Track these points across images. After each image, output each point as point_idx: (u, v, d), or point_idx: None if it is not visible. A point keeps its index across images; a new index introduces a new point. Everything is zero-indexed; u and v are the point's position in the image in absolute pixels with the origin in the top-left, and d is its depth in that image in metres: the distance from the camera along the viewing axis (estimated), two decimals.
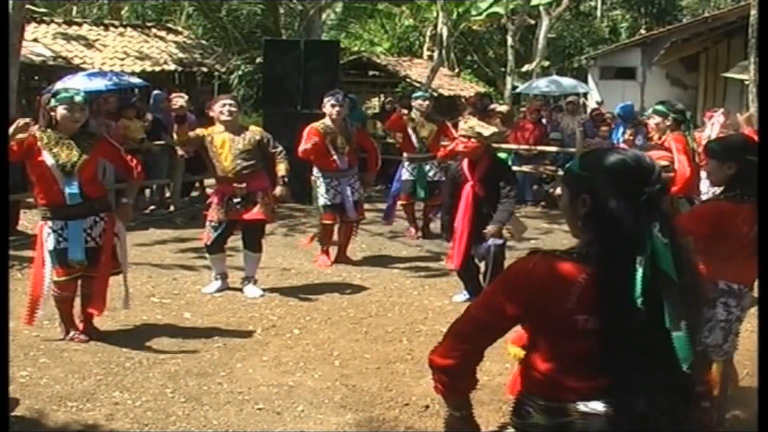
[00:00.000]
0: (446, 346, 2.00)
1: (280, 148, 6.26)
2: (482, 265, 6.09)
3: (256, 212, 6.09)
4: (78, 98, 4.85)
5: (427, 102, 8.79)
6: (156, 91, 11.40)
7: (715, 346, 3.39)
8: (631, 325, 1.82)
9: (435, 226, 8.87)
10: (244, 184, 6.04)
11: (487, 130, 5.86)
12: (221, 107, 6.08)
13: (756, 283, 3.53)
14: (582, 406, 1.86)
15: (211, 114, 6.20)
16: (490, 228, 5.75)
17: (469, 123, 5.86)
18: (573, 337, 1.87)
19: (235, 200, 6.08)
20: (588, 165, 1.96)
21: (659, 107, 5.69)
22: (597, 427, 1.85)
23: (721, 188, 3.54)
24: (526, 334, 2.03)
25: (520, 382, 2.02)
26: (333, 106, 7.16)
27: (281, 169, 6.23)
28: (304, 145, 7.08)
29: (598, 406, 1.85)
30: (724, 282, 3.37)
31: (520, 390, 2.02)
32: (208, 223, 6.23)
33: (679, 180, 4.90)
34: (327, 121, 7.23)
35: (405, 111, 8.89)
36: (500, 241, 5.85)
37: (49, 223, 4.84)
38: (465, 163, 5.88)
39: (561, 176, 2.09)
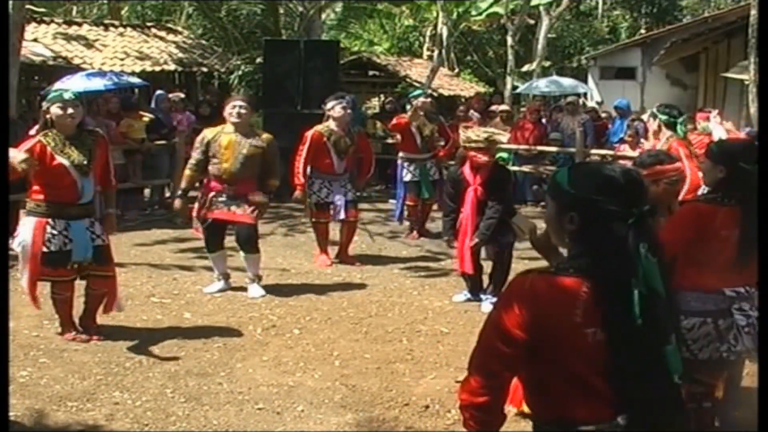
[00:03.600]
0: (475, 383, 1.94)
1: (277, 166, 6.23)
2: (485, 264, 6.12)
3: (241, 215, 6.07)
4: (67, 95, 4.88)
5: (428, 100, 8.79)
6: (159, 92, 11.41)
7: (749, 351, 3.36)
8: (633, 337, 1.85)
9: (433, 225, 8.88)
10: (234, 186, 6.04)
11: (502, 136, 5.95)
12: (231, 109, 6.07)
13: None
14: (622, 420, 1.87)
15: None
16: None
17: (482, 135, 5.83)
18: (586, 351, 1.87)
19: (220, 199, 6.08)
20: (577, 183, 1.94)
21: (654, 111, 5.68)
22: None
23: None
24: (521, 384, 2.01)
25: (541, 412, 1.98)
26: (344, 108, 7.15)
27: (272, 184, 6.22)
28: (300, 158, 7.06)
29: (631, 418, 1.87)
30: (730, 289, 3.35)
31: (544, 420, 1.97)
32: (196, 219, 6.27)
33: (691, 187, 4.90)
34: (331, 123, 7.21)
35: (408, 115, 8.76)
36: (511, 240, 5.91)
37: (51, 222, 4.82)
38: (466, 167, 5.88)
39: (548, 185, 2.08)
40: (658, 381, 1.88)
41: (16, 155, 4.54)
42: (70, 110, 4.81)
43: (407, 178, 8.66)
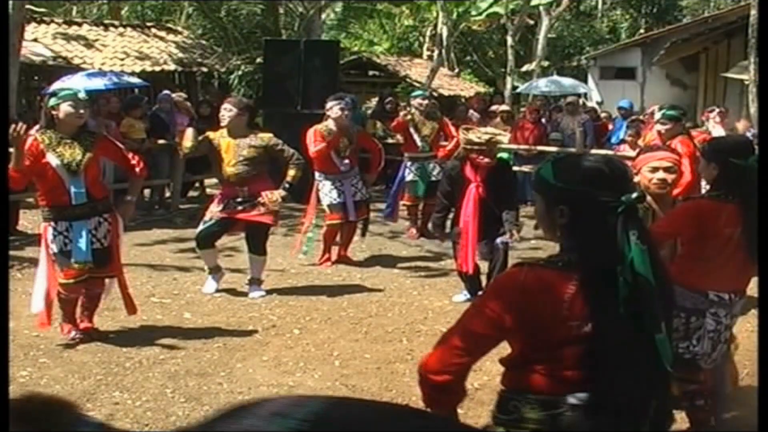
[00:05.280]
0: (441, 361, 1.99)
1: (293, 155, 6.17)
2: (482, 264, 6.11)
3: (260, 214, 6.05)
4: (81, 94, 4.92)
5: (426, 101, 8.84)
6: (166, 92, 11.41)
7: (704, 355, 3.43)
8: (619, 328, 1.87)
9: None
10: (246, 188, 6.02)
11: (503, 137, 5.98)
12: (223, 111, 6.08)
13: (749, 287, 3.55)
14: (572, 399, 1.90)
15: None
16: (507, 234, 5.81)
17: (484, 136, 5.82)
18: (569, 343, 1.90)
19: (237, 200, 6.06)
20: (563, 176, 1.97)
21: (672, 112, 5.67)
22: (583, 420, 1.89)
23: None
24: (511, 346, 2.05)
25: (507, 381, 2.04)
26: (342, 109, 7.14)
27: (290, 174, 6.16)
28: (316, 147, 7.06)
29: (584, 398, 1.90)
30: (714, 293, 3.38)
31: (504, 388, 2.04)
32: (203, 219, 6.26)
33: (682, 183, 4.91)
34: (330, 123, 7.21)
35: (407, 112, 8.82)
36: (507, 240, 5.92)
37: (53, 224, 4.83)
38: (467, 166, 5.89)
39: (533, 182, 2.14)
40: (643, 370, 1.89)
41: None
42: (81, 110, 4.83)
43: (409, 177, 8.70)
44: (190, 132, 6.13)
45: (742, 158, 3.29)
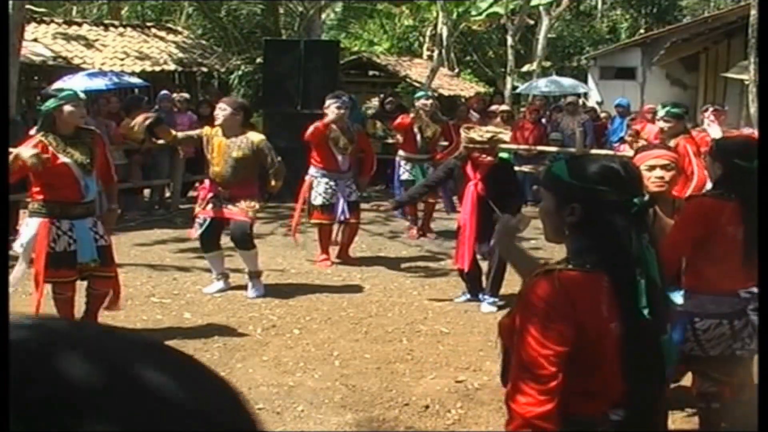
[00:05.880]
0: (536, 396, 1.84)
1: (276, 165, 6.07)
2: (485, 265, 6.11)
3: (236, 211, 6.06)
4: (81, 95, 4.94)
5: (431, 101, 8.84)
6: (165, 92, 11.42)
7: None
8: (642, 330, 1.87)
9: (435, 225, 8.90)
10: (228, 191, 6.02)
11: (505, 135, 5.98)
12: (217, 110, 6.10)
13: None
14: (613, 416, 1.90)
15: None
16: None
17: (486, 135, 5.80)
18: (611, 346, 1.88)
19: (218, 199, 6.09)
20: (578, 173, 1.94)
21: (676, 110, 5.67)
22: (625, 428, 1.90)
23: None
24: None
25: (578, 406, 1.94)
26: (339, 108, 7.15)
27: (270, 185, 6.23)
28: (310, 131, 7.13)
29: (623, 414, 1.90)
30: (744, 290, 3.35)
31: (584, 413, 1.95)
32: (195, 220, 6.28)
33: (699, 184, 4.93)
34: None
35: (418, 116, 8.77)
36: None
37: (57, 222, 4.82)
38: (468, 165, 5.90)
39: (543, 179, 2.09)
40: (655, 374, 1.90)
41: (24, 150, 4.56)
42: (83, 110, 4.86)
43: (404, 177, 8.71)
44: (140, 118, 6.03)
45: (747, 160, 3.28)
